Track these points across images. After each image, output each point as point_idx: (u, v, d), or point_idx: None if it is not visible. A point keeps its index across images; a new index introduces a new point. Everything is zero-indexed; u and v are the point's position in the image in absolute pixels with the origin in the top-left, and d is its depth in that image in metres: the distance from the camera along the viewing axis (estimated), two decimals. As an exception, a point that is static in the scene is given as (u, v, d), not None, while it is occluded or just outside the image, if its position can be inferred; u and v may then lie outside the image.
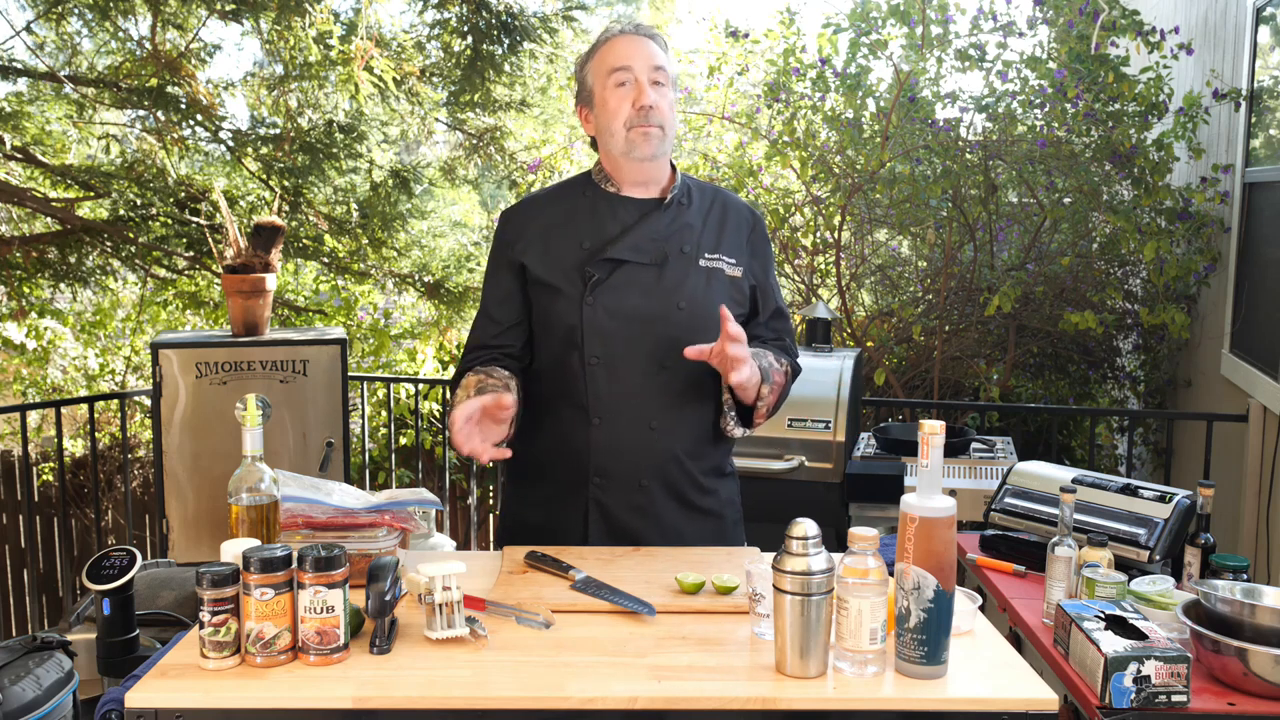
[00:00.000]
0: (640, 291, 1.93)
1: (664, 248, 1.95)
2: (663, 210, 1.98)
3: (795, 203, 5.30)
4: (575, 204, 2.02)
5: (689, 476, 1.99)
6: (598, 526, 1.96)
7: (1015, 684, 1.38)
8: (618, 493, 1.96)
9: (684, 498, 1.99)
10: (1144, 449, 5.27)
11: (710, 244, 2.00)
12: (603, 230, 1.97)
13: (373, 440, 5.49)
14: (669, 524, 1.98)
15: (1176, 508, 2.19)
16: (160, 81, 4.60)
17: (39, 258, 4.81)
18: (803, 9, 7.87)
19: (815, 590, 1.35)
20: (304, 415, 3.56)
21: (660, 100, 1.93)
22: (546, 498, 2.01)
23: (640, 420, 1.94)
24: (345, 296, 5.87)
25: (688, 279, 1.95)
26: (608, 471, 1.94)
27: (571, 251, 1.96)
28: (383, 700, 1.33)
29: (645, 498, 1.96)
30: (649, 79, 1.93)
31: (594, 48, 2.00)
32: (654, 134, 1.92)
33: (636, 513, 1.96)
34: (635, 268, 1.94)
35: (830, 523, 3.05)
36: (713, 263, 1.98)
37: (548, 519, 2.00)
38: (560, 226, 2.00)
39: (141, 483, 5.63)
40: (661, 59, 1.95)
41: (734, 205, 2.07)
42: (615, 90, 1.93)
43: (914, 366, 5.15)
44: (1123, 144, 4.39)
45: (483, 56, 4.90)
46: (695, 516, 2.00)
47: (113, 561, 1.98)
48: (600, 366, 1.93)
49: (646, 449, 1.95)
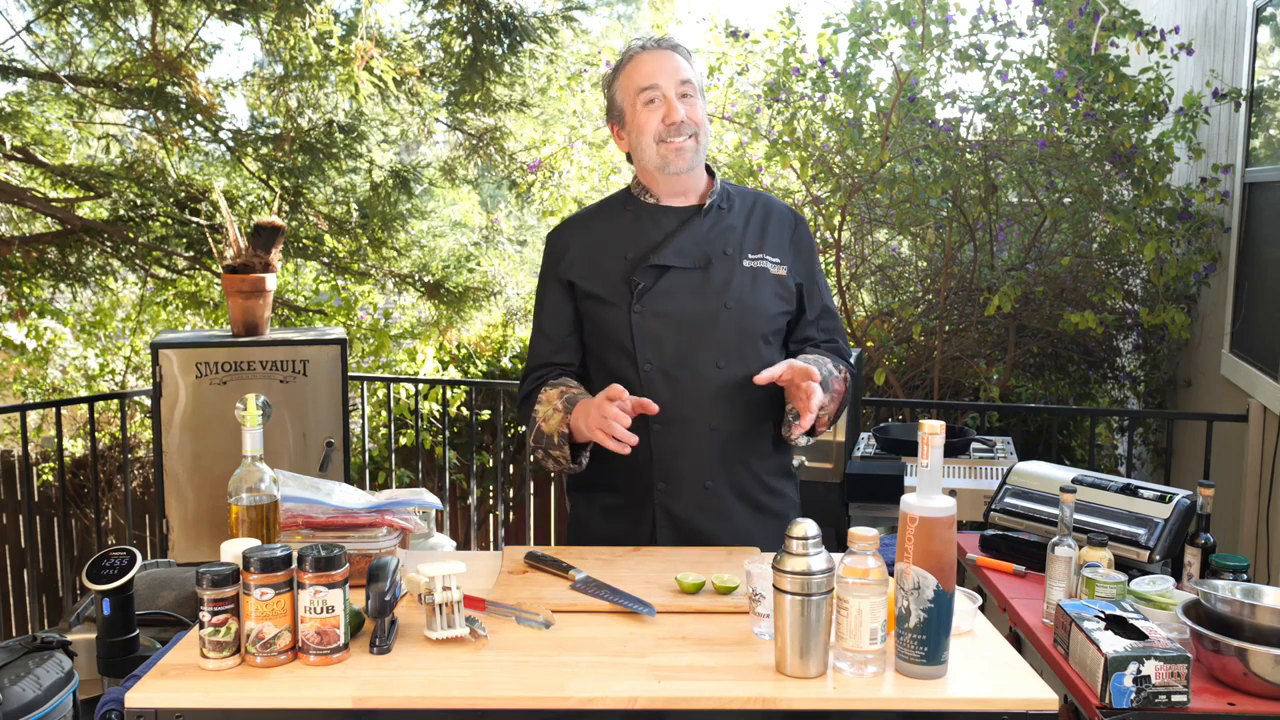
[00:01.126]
0: (687, 295, 1.95)
1: (707, 251, 1.98)
2: (703, 216, 2.01)
3: (795, 203, 5.30)
4: (617, 219, 2.05)
5: (754, 476, 2.00)
6: (665, 532, 1.96)
7: (1015, 684, 1.38)
8: (684, 497, 1.96)
9: (751, 498, 2.00)
10: (1144, 449, 5.27)
11: (753, 244, 2.02)
12: (646, 240, 2.00)
13: (373, 440, 5.49)
14: (739, 525, 1.98)
15: (1176, 508, 2.19)
16: (160, 81, 4.60)
17: (39, 258, 4.81)
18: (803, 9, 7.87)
19: (815, 590, 1.35)
20: (304, 415, 3.56)
21: (691, 111, 1.96)
22: (612, 507, 2.01)
23: (700, 422, 1.95)
24: (345, 296, 5.87)
25: (733, 279, 1.97)
26: (672, 476, 1.95)
27: (617, 264, 1.99)
28: (383, 700, 1.33)
29: (712, 499, 1.97)
30: (677, 93, 1.96)
31: (620, 66, 2.03)
32: (687, 146, 1.96)
33: (705, 513, 1.96)
34: (680, 272, 1.96)
35: (830, 523, 3.05)
36: (757, 262, 2.00)
37: (616, 530, 2.00)
38: (604, 242, 2.03)
39: (141, 483, 5.63)
40: (687, 71, 1.98)
41: (776, 207, 2.10)
42: (645, 108, 1.97)
43: (914, 366, 5.15)
44: (1123, 144, 4.39)
45: (483, 56, 4.90)
46: (763, 518, 2.01)
47: (113, 561, 1.98)
48: (655, 372, 1.94)
49: (709, 450, 1.96)
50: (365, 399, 4.70)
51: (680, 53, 2.00)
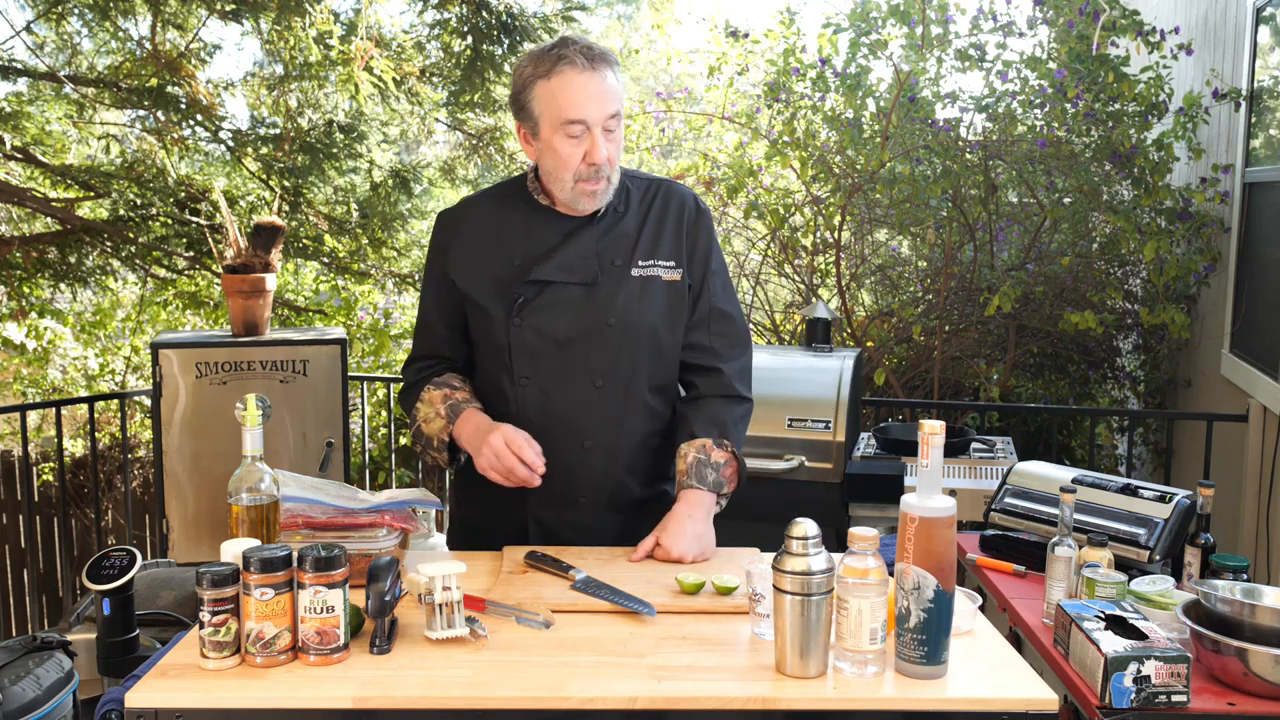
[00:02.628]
0: (570, 311, 1.89)
1: (594, 264, 1.90)
2: (594, 224, 1.92)
3: (795, 203, 5.30)
4: (509, 215, 1.95)
5: (627, 490, 1.98)
6: (536, 538, 1.96)
7: (1015, 684, 1.38)
8: (555, 510, 1.95)
9: (624, 510, 1.98)
10: (1144, 449, 5.27)
11: (646, 250, 1.93)
12: (533, 247, 1.91)
13: (373, 440, 5.49)
14: (609, 538, 1.95)
15: (1176, 508, 2.19)
16: (160, 81, 4.60)
17: (39, 258, 4.82)
18: (803, 9, 7.85)
19: (815, 590, 1.35)
20: (304, 415, 3.56)
21: (612, 150, 1.84)
22: (489, 501, 1.98)
23: (573, 439, 1.91)
24: (345, 296, 5.87)
25: (619, 293, 1.90)
26: (542, 489, 1.89)
27: (502, 266, 1.92)
28: (383, 700, 1.33)
29: (583, 516, 1.95)
30: (603, 128, 1.81)
31: (544, 71, 1.81)
32: (601, 190, 1.85)
33: (574, 529, 1.95)
34: (563, 287, 1.89)
35: (830, 523, 3.05)
36: (647, 270, 1.92)
37: (490, 524, 1.99)
38: (492, 238, 1.94)
39: (141, 483, 5.63)
40: (615, 98, 1.82)
41: (676, 199, 1.98)
42: (566, 140, 1.81)
43: (914, 366, 5.15)
44: (1123, 144, 4.39)
45: (483, 57, 4.90)
46: (639, 524, 1.93)
47: (113, 561, 1.98)
48: (531, 386, 1.91)
49: (581, 467, 1.92)
50: (365, 399, 4.70)
51: (613, 70, 1.83)
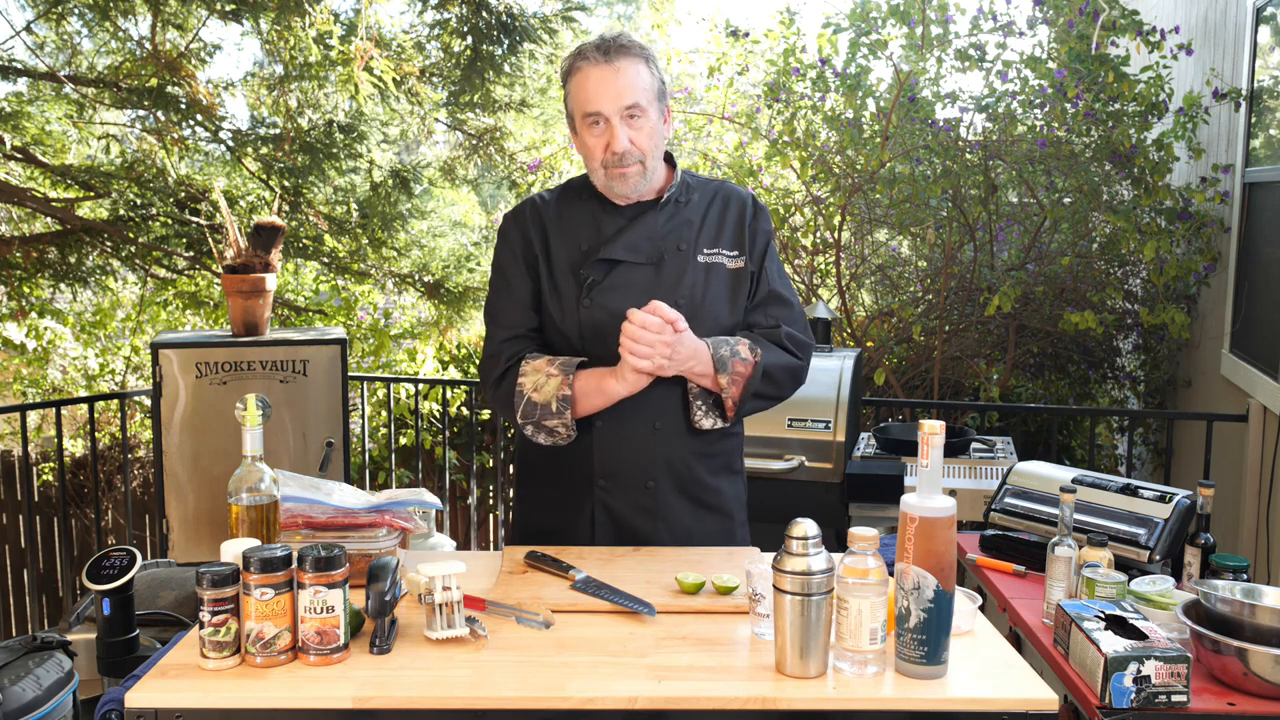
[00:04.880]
0: (638, 291, 1.92)
1: (660, 246, 1.95)
2: (659, 210, 1.97)
3: (795, 203, 5.31)
4: (574, 206, 2.01)
5: (695, 475, 1.99)
6: (604, 529, 1.96)
7: (1015, 684, 1.38)
8: (624, 495, 1.95)
9: (692, 495, 1.99)
10: (1144, 449, 5.27)
11: (710, 239, 1.98)
12: (599, 232, 1.97)
13: (373, 440, 5.49)
14: (678, 524, 1.97)
15: (1176, 508, 2.19)
16: (160, 81, 4.60)
17: (39, 258, 4.81)
18: (803, 9, 7.87)
19: (815, 590, 1.35)
20: (304, 415, 3.56)
21: (636, 135, 1.87)
22: (554, 501, 2.01)
23: (644, 420, 1.94)
24: (345, 296, 5.87)
25: (685, 276, 1.95)
26: (612, 474, 1.94)
27: (570, 254, 1.97)
28: (383, 700, 1.33)
29: (652, 499, 1.96)
30: (621, 117, 1.86)
31: (568, 71, 1.91)
32: (631, 174, 1.90)
33: (644, 514, 1.96)
34: (631, 268, 1.94)
35: (830, 523, 3.05)
36: (712, 258, 1.97)
37: (556, 523, 2.00)
38: (559, 229, 2.00)
39: (141, 483, 5.63)
40: (634, 88, 1.85)
41: (735, 196, 2.04)
42: (589, 130, 1.89)
43: (914, 366, 5.15)
44: (1123, 144, 4.39)
45: (483, 57, 4.90)
46: (704, 514, 2.00)
47: (113, 561, 1.98)
48: (600, 367, 1.93)
49: (651, 449, 1.95)
50: (365, 399, 4.70)
51: (631, 60, 1.86)
